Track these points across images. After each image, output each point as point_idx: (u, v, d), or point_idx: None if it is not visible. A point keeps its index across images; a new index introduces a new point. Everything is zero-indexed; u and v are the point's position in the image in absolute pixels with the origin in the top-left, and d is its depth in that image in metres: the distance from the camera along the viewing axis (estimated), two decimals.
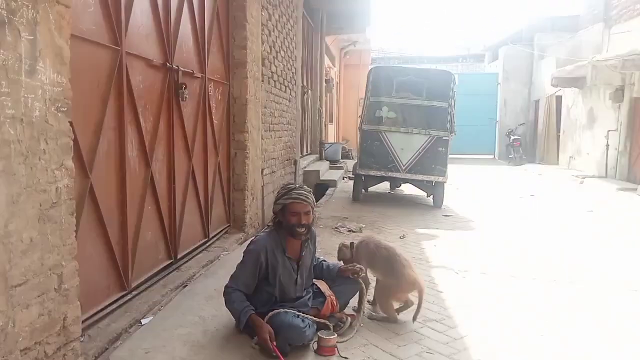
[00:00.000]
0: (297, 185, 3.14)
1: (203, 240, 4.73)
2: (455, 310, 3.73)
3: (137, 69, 3.43)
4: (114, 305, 3.07)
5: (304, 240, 3.13)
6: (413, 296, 3.46)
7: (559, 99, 16.37)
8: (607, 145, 12.41)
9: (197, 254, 4.49)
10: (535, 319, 3.59)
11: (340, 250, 3.63)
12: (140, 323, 3.02)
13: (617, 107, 12.01)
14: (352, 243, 3.60)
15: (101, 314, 2.92)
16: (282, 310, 2.92)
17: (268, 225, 6.38)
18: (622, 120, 11.82)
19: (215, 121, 5.03)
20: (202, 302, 3.35)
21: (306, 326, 2.88)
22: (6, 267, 1.88)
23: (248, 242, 5.07)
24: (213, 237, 4.98)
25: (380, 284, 3.49)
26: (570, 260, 5.21)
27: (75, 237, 2.32)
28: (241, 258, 3.08)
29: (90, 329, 2.75)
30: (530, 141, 18.93)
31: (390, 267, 3.38)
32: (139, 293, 3.37)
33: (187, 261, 4.24)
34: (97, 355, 2.60)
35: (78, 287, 2.32)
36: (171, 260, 4.00)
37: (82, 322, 2.49)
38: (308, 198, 3.05)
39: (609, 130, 12.37)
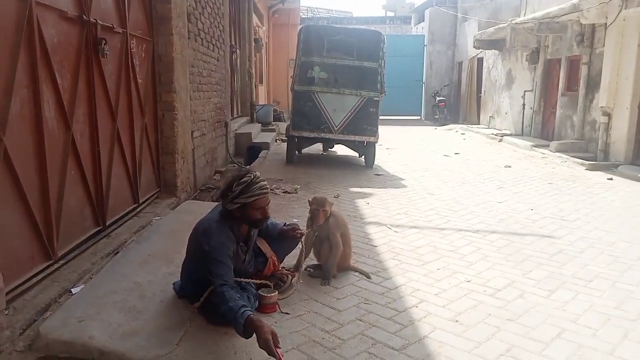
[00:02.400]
0: (253, 177, 2.78)
1: (133, 206, 4.53)
2: (389, 263, 3.90)
3: (49, 21, 3.12)
4: (41, 276, 2.89)
5: None
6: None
7: (480, 60, 17.06)
8: (524, 105, 13.20)
9: (128, 220, 4.31)
10: (464, 267, 3.83)
11: (320, 210, 3.42)
12: (71, 292, 2.87)
13: (533, 69, 12.72)
14: (331, 204, 3.52)
15: (27, 285, 2.74)
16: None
17: (200, 190, 6.27)
18: (537, 81, 12.56)
19: (139, 80, 4.74)
20: (136, 268, 3.23)
21: (246, 291, 2.84)
22: None
23: (182, 206, 4.98)
24: (143, 202, 4.79)
25: (340, 252, 3.48)
26: (492, 212, 5.57)
27: None
28: (209, 257, 2.63)
29: (15, 301, 2.58)
30: (454, 102, 19.72)
31: (347, 239, 3.62)
32: (67, 262, 3.18)
33: (117, 228, 4.06)
34: (25, 327, 2.45)
35: None
36: (100, 227, 3.80)
37: (6, 294, 2.33)
38: (268, 188, 2.85)
39: (525, 91, 13.13)
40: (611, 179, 7.81)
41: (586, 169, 8.67)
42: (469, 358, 2.53)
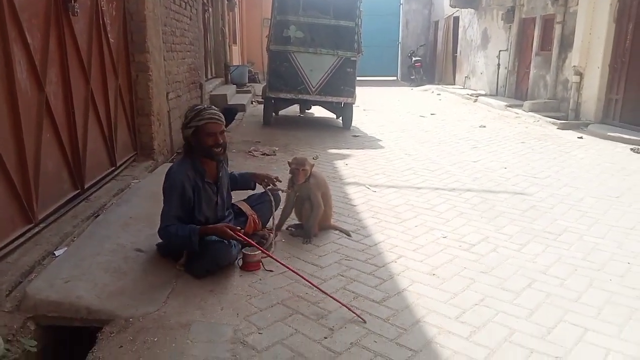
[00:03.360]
0: (206, 106, 3.02)
1: (110, 169, 4.49)
2: (369, 221, 4.00)
3: None
4: (22, 239, 2.88)
5: (219, 161, 3.08)
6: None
7: (456, 20, 16.97)
8: (498, 65, 13.29)
9: (106, 184, 4.27)
10: (440, 224, 3.96)
11: (300, 170, 3.47)
12: (54, 254, 2.88)
13: (508, 28, 12.75)
14: (312, 165, 3.58)
15: (9, 248, 2.73)
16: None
17: (177, 152, 6.21)
18: (512, 41, 12.61)
19: (111, 40, 4.60)
20: (118, 229, 3.25)
21: (231, 246, 2.93)
22: None
23: (160, 169, 4.95)
24: (120, 165, 4.73)
25: (321, 211, 3.55)
26: (467, 170, 5.71)
27: None
28: (163, 194, 2.89)
29: None
30: (430, 62, 19.68)
31: (327, 199, 3.67)
32: (47, 225, 3.17)
33: (95, 191, 4.02)
34: (11, 289, 2.46)
35: None
36: (78, 191, 3.77)
37: None
38: (221, 117, 2.99)
39: (500, 50, 13.19)
40: (581, 137, 8.04)
41: (558, 128, 8.88)
42: (446, 308, 2.67)
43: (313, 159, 5.96)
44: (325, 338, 2.36)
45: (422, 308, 2.66)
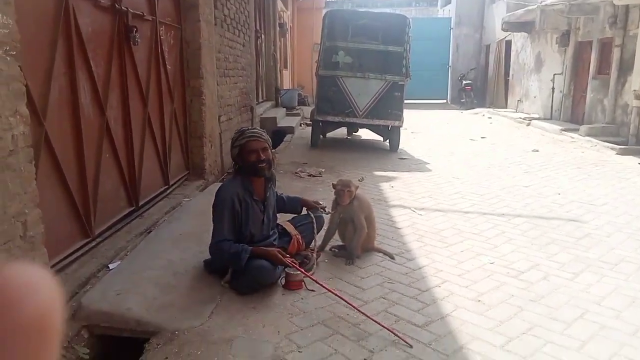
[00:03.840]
0: (250, 127, 3.19)
1: (163, 188, 4.70)
2: (413, 245, 3.96)
3: (84, 10, 3.25)
4: (80, 252, 3.06)
5: (267, 180, 3.18)
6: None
7: (508, 43, 16.70)
8: (553, 88, 12.91)
9: (159, 201, 4.47)
10: (487, 250, 3.86)
11: (345, 191, 3.51)
12: (108, 268, 3.04)
13: (563, 51, 12.41)
14: (356, 187, 3.61)
15: (67, 261, 2.92)
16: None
17: (228, 173, 6.41)
18: (567, 64, 12.25)
19: (169, 67, 4.87)
20: (169, 246, 3.38)
21: (275, 266, 2.99)
22: None
23: (210, 188, 5.13)
24: (173, 184, 4.95)
25: (364, 233, 3.56)
26: (518, 196, 5.54)
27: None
28: (213, 211, 3.02)
29: (58, 275, 2.75)
30: (481, 85, 19.37)
31: (371, 222, 3.70)
32: (103, 240, 3.36)
33: (148, 208, 4.22)
34: (68, 299, 2.62)
35: (43, 234, 2.31)
36: (133, 208, 3.97)
37: (50, 268, 2.49)
38: (262, 135, 3.12)
39: (555, 74, 12.82)
40: None
41: (617, 154, 8.48)
42: (491, 335, 2.59)
43: (358, 180, 5.97)
44: None
45: (466, 334, 2.60)
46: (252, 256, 2.88)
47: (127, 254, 3.27)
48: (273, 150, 3.22)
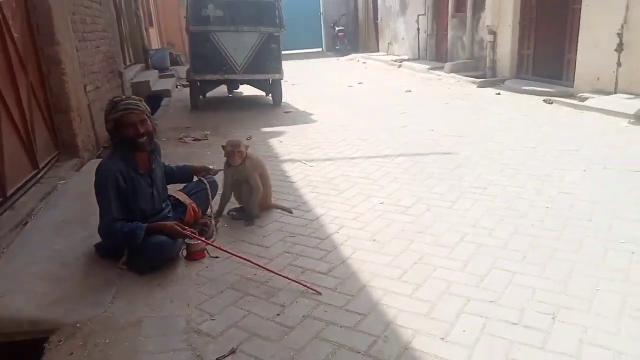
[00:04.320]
0: (123, 97, 2.97)
1: (33, 172, 4.24)
2: (308, 197, 4.08)
3: None
4: None
5: (150, 152, 3.02)
6: None
7: None
8: (418, 29, 13.64)
9: (30, 188, 4.04)
10: (376, 191, 4.12)
11: (235, 151, 3.48)
12: None
13: None
14: (246, 146, 3.58)
15: None
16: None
17: (104, 147, 5.96)
18: (428, 4, 12.95)
19: (15, 34, 4.27)
20: (52, 235, 3.12)
21: (174, 239, 2.91)
22: None
23: (87, 166, 4.75)
24: (43, 167, 4.48)
25: (260, 193, 3.59)
26: (397, 136, 5.91)
27: None
28: (96, 192, 2.82)
29: None
30: (353, 31, 19.83)
31: (266, 179, 3.71)
32: None
33: (19, 197, 3.80)
34: None
35: None
36: (1, 200, 3.56)
37: None
38: (139, 106, 2.90)
39: (418, 15, 13.51)
40: (499, 93, 8.52)
41: (478, 87, 9.34)
42: (388, 270, 2.82)
43: (247, 139, 5.92)
44: (278, 315, 2.43)
45: (367, 273, 2.80)
46: (149, 232, 2.77)
47: (3, 252, 2.95)
48: (153, 119, 3.03)
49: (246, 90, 9.59)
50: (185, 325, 2.35)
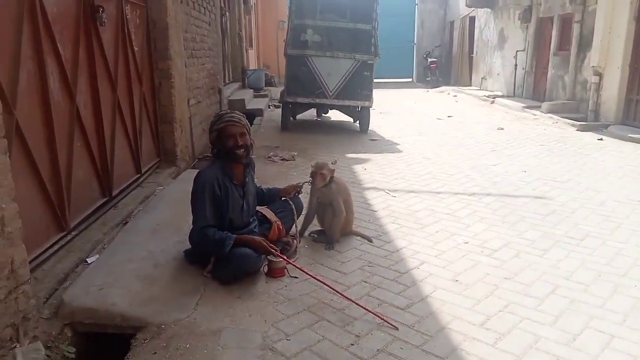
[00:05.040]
0: (229, 111, 3.16)
1: (136, 176, 4.59)
2: (390, 227, 4.03)
3: None
4: (56, 247, 2.98)
5: (245, 166, 3.16)
6: None
7: (472, 19, 16.87)
8: (516, 65, 13.19)
9: (132, 191, 4.37)
10: (461, 229, 3.97)
11: (319, 173, 3.55)
12: (87, 262, 2.97)
13: (526, 27, 12.64)
14: (332, 170, 3.65)
15: (44, 256, 2.83)
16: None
17: (199, 158, 6.31)
18: (529, 40, 12.51)
19: (136, 48, 4.71)
20: (148, 236, 3.33)
21: (259, 254, 2.99)
22: None
23: (183, 176, 5.05)
24: (145, 172, 4.84)
25: (343, 217, 3.60)
26: (486, 174, 5.70)
27: None
28: (193, 198, 2.99)
29: (35, 272, 2.67)
30: (446, 63, 19.56)
31: (349, 205, 3.72)
32: (78, 233, 3.27)
33: (122, 198, 4.13)
34: (48, 296, 2.56)
35: (21, 229, 2.23)
36: (107, 198, 3.87)
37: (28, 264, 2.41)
38: (241, 120, 3.08)
39: (517, 51, 13.08)
40: (601, 139, 7.96)
41: (577, 130, 8.80)
42: (470, 315, 2.69)
43: (332, 163, 5.99)
44: (352, 345, 2.40)
45: (447, 315, 2.69)
46: (237, 244, 2.87)
47: (104, 247, 3.20)
48: (250, 128, 3.19)
49: (334, 115, 9.75)
50: (261, 342, 2.39)
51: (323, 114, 9.81)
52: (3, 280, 2.09)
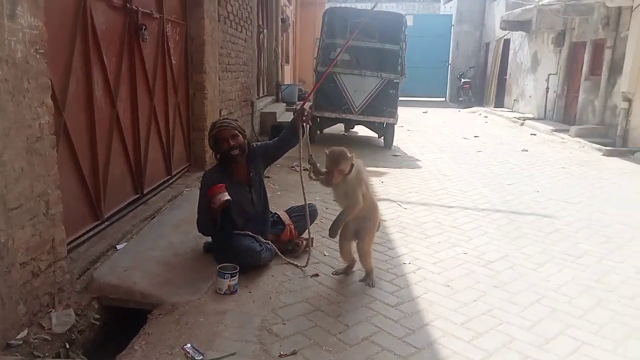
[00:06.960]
0: (221, 118, 3.50)
1: (166, 178, 5.03)
2: (395, 236, 4.29)
3: (99, 10, 3.57)
4: (91, 233, 3.40)
5: (248, 161, 3.46)
6: None
7: (507, 42, 16.95)
8: (547, 88, 13.20)
9: (162, 190, 4.80)
10: (463, 241, 4.19)
11: (336, 170, 3.14)
12: (116, 248, 3.38)
13: (558, 51, 12.68)
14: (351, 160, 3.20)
15: (80, 240, 3.26)
16: (241, 233, 3.33)
17: None
18: (561, 64, 12.53)
19: (174, 62, 5.18)
20: (171, 230, 3.72)
21: (262, 250, 3.32)
22: (4, 192, 2.18)
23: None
24: (175, 174, 5.28)
25: (357, 208, 3.16)
26: (500, 193, 5.87)
27: None
28: (199, 195, 3.36)
29: (71, 253, 3.09)
30: (480, 84, 19.63)
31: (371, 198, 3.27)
32: (111, 223, 3.69)
33: (152, 196, 4.55)
34: (81, 273, 2.96)
35: (62, 213, 2.64)
36: (138, 195, 4.30)
37: (66, 245, 2.82)
38: (230, 123, 3.39)
39: (549, 74, 13.11)
40: (626, 165, 7.95)
41: (603, 155, 8.79)
42: (454, 315, 2.93)
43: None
44: (341, 332, 2.68)
45: (432, 314, 2.93)
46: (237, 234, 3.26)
47: (132, 237, 3.60)
48: (243, 129, 3.41)
49: (360, 130, 10.05)
50: (260, 324, 2.70)
51: (350, 129, 10.13)
52: (44, 254, 2.50)
